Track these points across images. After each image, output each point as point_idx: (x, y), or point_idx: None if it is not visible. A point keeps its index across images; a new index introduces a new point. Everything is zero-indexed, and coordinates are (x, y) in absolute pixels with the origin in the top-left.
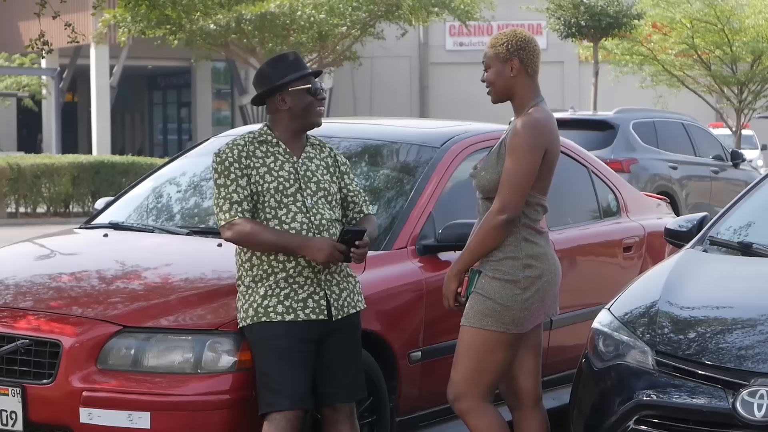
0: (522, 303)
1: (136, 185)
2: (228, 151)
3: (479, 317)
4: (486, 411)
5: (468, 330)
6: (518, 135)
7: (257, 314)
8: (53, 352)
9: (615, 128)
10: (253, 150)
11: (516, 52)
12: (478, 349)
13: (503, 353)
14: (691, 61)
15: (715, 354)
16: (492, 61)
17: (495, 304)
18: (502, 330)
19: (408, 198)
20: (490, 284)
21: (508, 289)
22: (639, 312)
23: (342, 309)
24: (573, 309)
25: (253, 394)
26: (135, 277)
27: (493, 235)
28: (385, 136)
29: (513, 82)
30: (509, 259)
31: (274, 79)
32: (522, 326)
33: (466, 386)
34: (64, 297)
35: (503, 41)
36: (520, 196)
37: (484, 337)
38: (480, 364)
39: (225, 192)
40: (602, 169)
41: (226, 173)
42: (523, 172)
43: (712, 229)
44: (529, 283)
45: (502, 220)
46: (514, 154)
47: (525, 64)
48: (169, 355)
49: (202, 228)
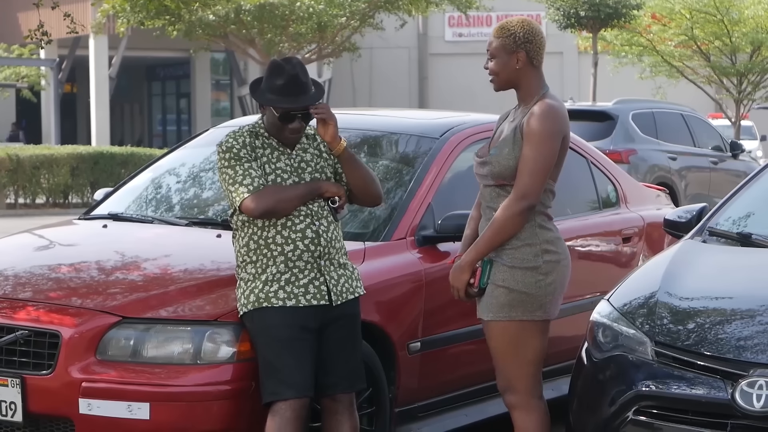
0: (546, 288)
1: (135, 176)
2: (233, 141)
3: (506, 309)
4: (532, 408)
5: (496, 325)
6: (538, 122)
7: (258, 300)
8: (52, 342)
9: (614, 119)
10: (252, 141)
11: (523, 45)
12: (513, 343)
13: (539, 340)
14: (691, 52)
15: (714, 345)
16: (498, 51)
17: (520, 294)
18: (533, 318)
19: (407, 189)
20: (511, 274)
21: (530, 276)
22: (638, 303)
23: (341, 294)
24: (572, 300)
25: (252, 384)
26: (134, 268)
27: (513, 223)
28: (384, 127)
29: (518, 74)
30: (526, 246)
31: (255, 91)
32: (549, 312)
33: (512, 380)
34: (63, 288)
35: (510, 32)
36: (541, 183)
37: (516, 328)
38: (518, 357)
39: (241, 170)
40: (601, 159)
41: (236, 158)
42: (544, 158)
43: (711, 220)
44: (551, 268)
45: (524, 207)
46: (534, 141)
47: (531, 56)
48: (169, 346)
49: (201, 219)
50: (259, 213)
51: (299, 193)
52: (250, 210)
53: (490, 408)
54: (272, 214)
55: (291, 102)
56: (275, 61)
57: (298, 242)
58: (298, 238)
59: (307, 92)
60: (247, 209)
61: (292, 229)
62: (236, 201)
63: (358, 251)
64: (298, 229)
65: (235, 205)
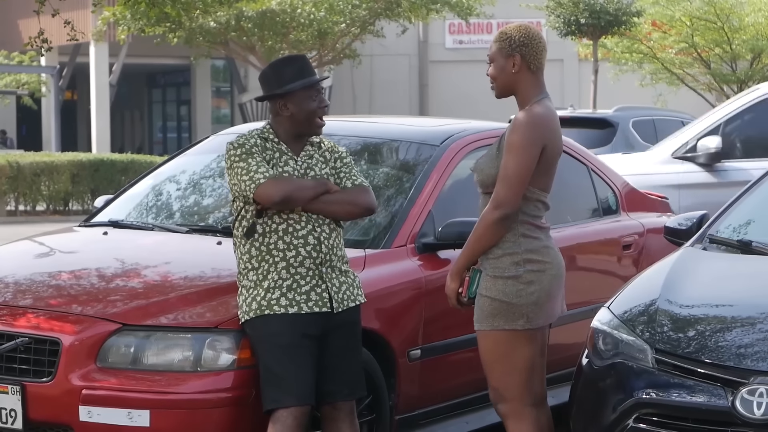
0: (527, 297)
1: (135, 183)
2: (244, 140)
3: (490, 319)
4: (525, 416)
5: (483, 334)
6: (515, 130)
7: (260, 307)
8: (53, 350)
9: (614, 126)
10: (262, 143)
11: (518, 48)
12: (499, 352)
13: (525, 350)
14: (691, 59)
15: (714, 352)
16: (495, 55)
17: (501, 303)
18: (515, 327)
19: (407, 196)
20: (493, 284)
21: (510, 285)
22: (638, 310)
23: (342, 302)
24: (572, 307)
25: (252, 392)
26: (134, 275)
27: (490, 232)
28: (384, 135)
29: (515, 78)
30: (507, 255)
31: (276, 85)
32: (533, 322)
33: (502, 390)
34: (63, 295)
35: (506, 37)
36: (516, 193)
37: (499, 338)
38: (505, 366)
39: (254, 162)
40: (602, 167)
41: (248, 153)
42: (518, 167)
43: (712, 228)
44: (533, 277)
45: (498, 217)
46: (510, 150)
47: (527, 60)
48: (169, 353)
49: (202, 226)
50: (279, 198)
51: (312, 185)
52: (269, 195)
53: (491, 415)
54: (290, 202)
55: (314, 74)
56: (278, 59)
57: (300, 248)
58: (300, 244)
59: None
60: (265, 194)
61: (294, 235)
62: (251, 188)
63: (358, 258)
64: (300, 236)
65: (250, 193)
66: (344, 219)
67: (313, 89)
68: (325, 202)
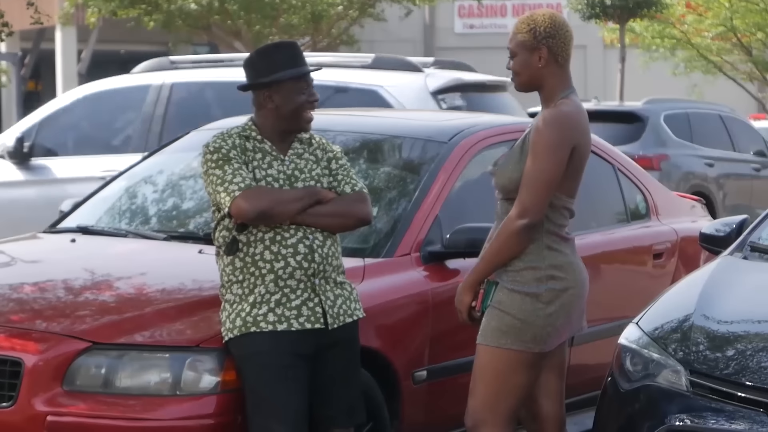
0: (545, 319)
1: (107, 185)
2: (221, 142)
3: (497, 335)
4: None
5: (485, 349)
6: (541, 131)
7: (245, 324)
8: (14, 371)
9: (644, 121)
10: (242, 143)
11: (545, 40)
12: (497, 371)
13: (525, 374)
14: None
15: (756, 374)
16: (518, 48)
17: (514, 320)
18: (523, 349)
19: (412, 199)
20: (509, 297)
21: (528, 303)
22: (671, 327)
23: (338, 317)
24: (597, 323)
25: (238, 418)
26: (106, 288)
27: (512, 243)
28: (386, 130)
29: (541, 72)
30: (530, 269)
31: (263, 74)
32: (545, 345)
33: (484, 413)
34: (26, 310)
35: (530, 27)
36: (543, 200)
37: (503, 357)
38: (499, 387)
39: (230, 170)
40: (630, 166)
41: (225, 159)
42: (546, 172)
43: (753, 234)
44: (553, 296)
45: (522, 226)
46: (536, 152)
47: (554, 53)
48: (145, 375)
49: (181, 232)
50: (253, 215)
51: (298, 196)
52: (243, 211)
53: None
54: (267, 218)
55: (305, 64)
56: (267, 45)
57: (290, 258)
58: (289, 254)
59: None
60: (239, 210)
61: (282, 243)
62: (226, 201)
63: (356, 269)
64: (289, 244)
65: (225, 206)
66: (338, 232)
67: (303, 81)
68: (315, 215)
